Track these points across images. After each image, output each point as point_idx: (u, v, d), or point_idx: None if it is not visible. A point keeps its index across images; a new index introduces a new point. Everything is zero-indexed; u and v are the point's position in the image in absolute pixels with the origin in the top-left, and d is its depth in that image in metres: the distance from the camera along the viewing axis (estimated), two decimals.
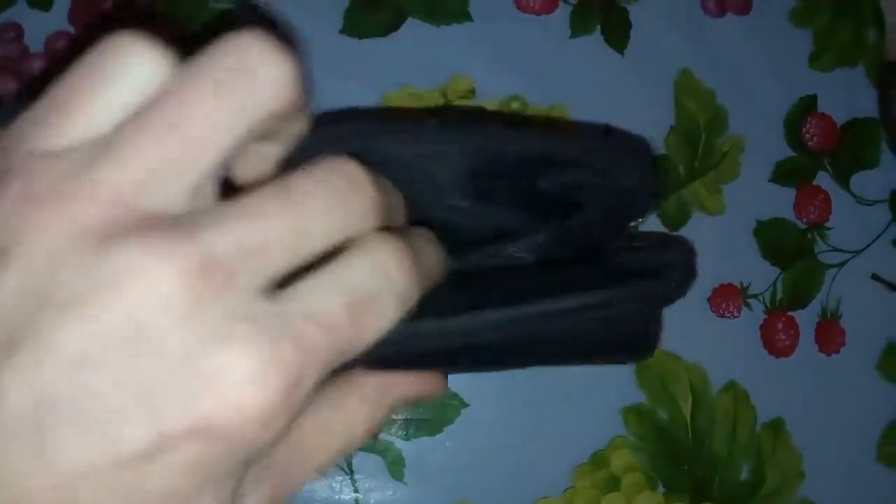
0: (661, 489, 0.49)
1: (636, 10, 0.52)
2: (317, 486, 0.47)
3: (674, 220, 0.51)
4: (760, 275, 0.51)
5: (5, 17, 0.47)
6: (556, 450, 0.48)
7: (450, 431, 0.48)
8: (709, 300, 0.51)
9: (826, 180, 0.52)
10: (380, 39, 0.50)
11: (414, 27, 0.50)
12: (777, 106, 0.52)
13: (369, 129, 0.26)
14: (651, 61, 0.52)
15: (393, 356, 0.27)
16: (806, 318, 0.51)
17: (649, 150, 0.50)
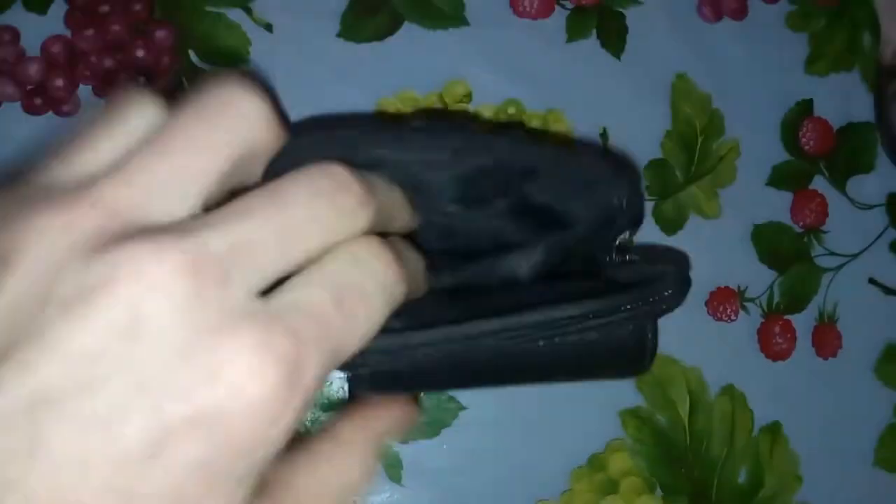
0: (659, 492, 0.49)
1: (632, 15, 0.52)
2: None
3: (671, 224, 0.51)
4: (757, 278, 0.51)
5: (1, 20, 0.47)
6: (554, 453, 0.48)
7: (447, 434, 0.48)
8: (706, 303, 0.51)
9: (822, 184, 0.52)
10: (376, 43, 0.50)
11: (410, 31, 0.50)
12: (773, 110, 0.53)
13: (360, 134, 0.26)
14: (647, 66, 0.52)
15: (393, 372, 0.27)
16: (803, 322, 0.51)
17: (634, 169, 0.50)
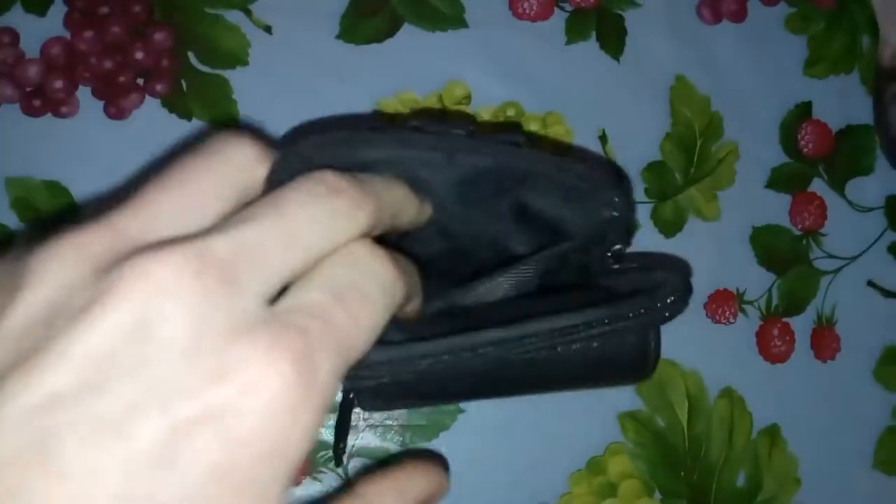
0: (658, 495, 0.49)
1: (631, 17, 0.52)
2: (313, 492, 0.47)
3: (670, 226, 0.51)
4: (756, 281, 0.51)
5: (1, 22, 0.47)
6: (553, 456, 0.48)
7: (446, 437, 0.48)
8: (705, 306, 0.51)
9: (821, 187, 0.53)
10: (376, 45, 0.50)
11: (410, 33, 0.50)
12: (772, 112, 0.53)
13: (355, 137, 0.26)
14: (646, 68, 0.52)
15: (397, 384, 0.27)
16: (801, 325, 0.51)
17: (628, 181, 0.50)
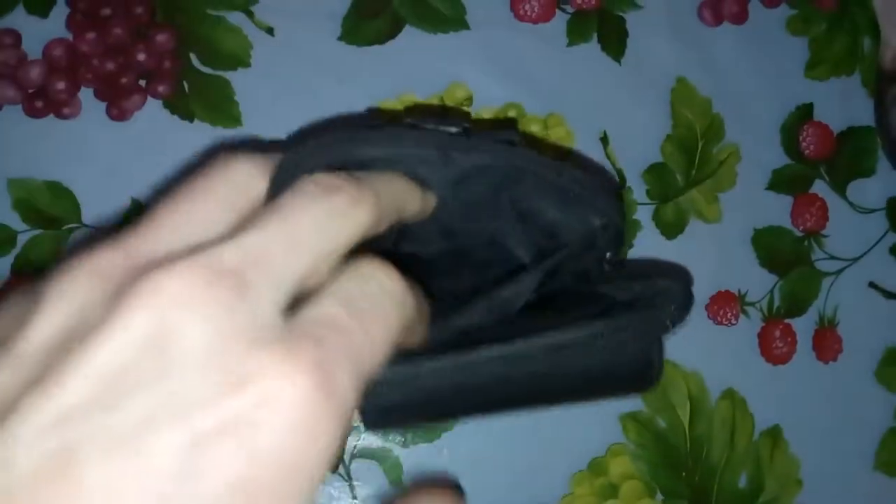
0: (660, 496, 0.49)
1: (633, 19, 0.52)
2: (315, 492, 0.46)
3: (671, 228, 0.51)
4: (758, 282, 0.51)
5: (3, 23, 0.47)
6: (555, 456, 0.48)
7: (448, 438, 0.48)
8: (706, 308, 0.51)
9: (823, 188, 0.53)
10: (378, 47, 0.50)
11: (411, 35, 0.50)
12: (774, 114, 0.53)
13: (350, 137, 0.26)
14: (647, 70, 0.52)
15: (404, 402, 0.27)
16: (803, 326, 0.51)
17: (619, 190, 0.50)
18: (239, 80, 0.49)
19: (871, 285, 0.52)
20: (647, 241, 0.50)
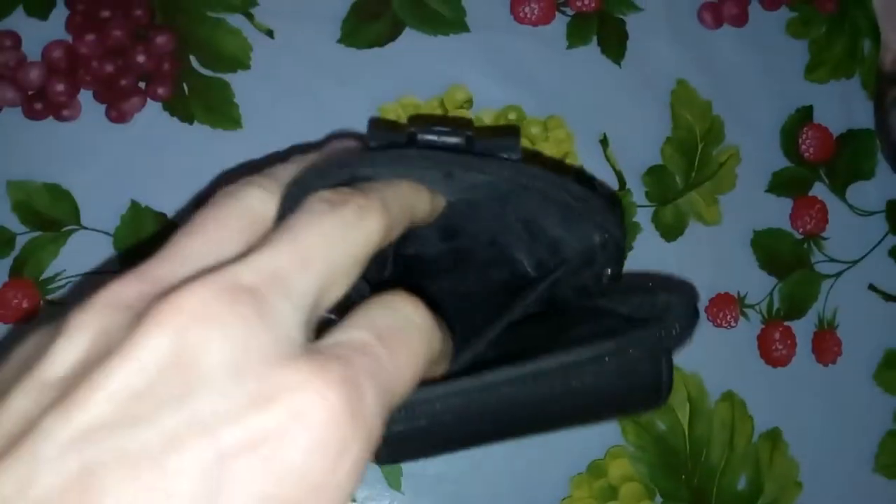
0: (659, 499, 0.49)
1: (633, 22, 0.52)
2: None
3: (671, 230, 0.51)
4: (757, 285, 0.51)
5: (3, 25, 0.47)
6: (554, 459, 0.48)
7: None
8: (706, 310, 0.51)
9: (822, 191, 0.53)
10: (377, 49, 0.50)
11: (411, 37, 0.50)
12: (773, 117, 0.53)
13: (354, 160, 0.26)
14: (647, 72, 0.52)
15: (413, 430, 0.27)
16: (803, 328, 0.51)
17: (621, 207, 0.50)
18: (239, 82, 0.49)
19: (871, 288, 0.52)
20: (646, 244, 0.50)
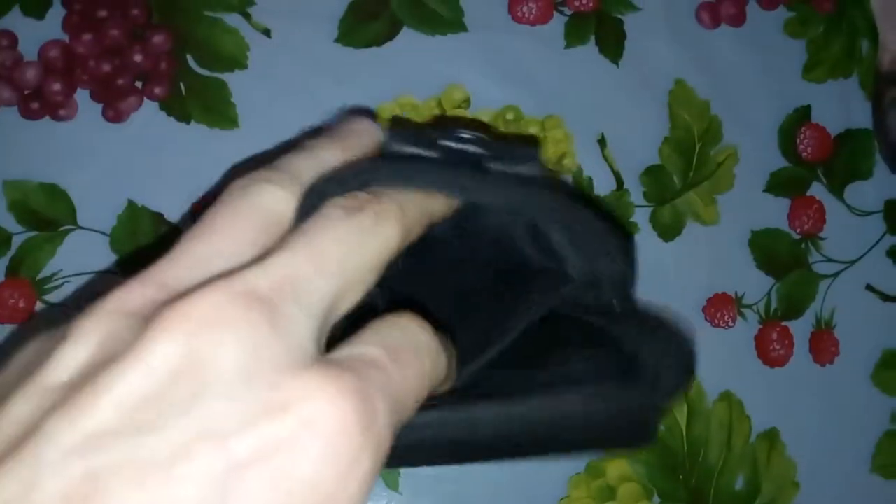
0: (657, 499, 0.49)
1: (630, 21, 0.52)
2: None
3: (668, 230, 0.51)
4: (755, 285, 0.51)
5: (0, 25, 0.47)
6: (552, 459, 0.48)
7: None
8: (703, 310, 0.51)
9: (820, 191, 0.53)
10: (375, 49, 0.50)
11: (409, 37, 0.50)
12: (771, 116, 0.53)
13: (367, 170, 0.26)
14: (645, 72, 0.52)
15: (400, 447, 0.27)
16: (800, 329, 0.51)
17: (632, 239, 0.50)
18: (236, 81, 0.49)
19: (869, 288, 0.52)
20: (644, 244, 0.50)
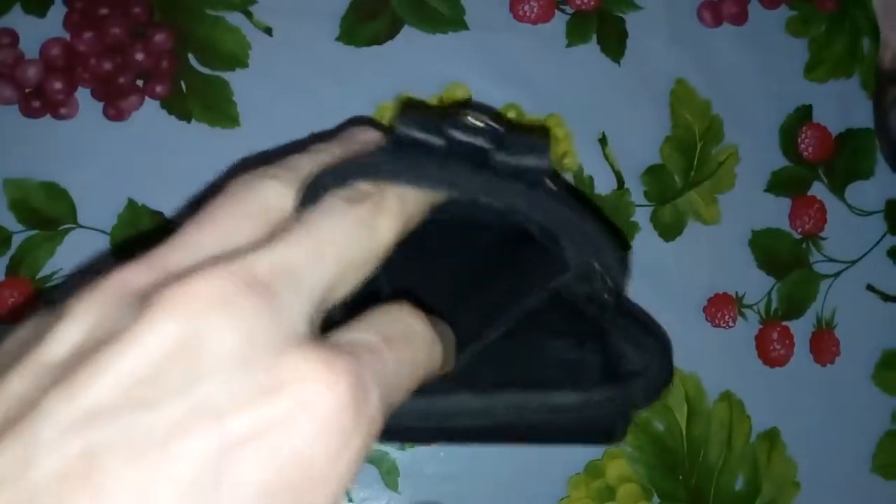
0: (657, 499, 0.49)
1: (632, 20, 0.52)
2: None
3: (669, 230, 0.51)
4: (755, 284, 0.51)
5: (1, 22, 0.47)
6: (551, 459, 0.48)
7: None
8: (704, 310, 0.51)
9: (821, 190, 0.52)
10: (376, 47, 0.50)
11: (410, 35, 0.50)
12: (772, 116, 0.53)
13: (372, 165, 0.26)
14: (647, 71, 0.52)
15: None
16: (801, 328, 0.51)
17: (629, 249, 0.50)
18: (237, 80, 0.49)
19: (869, 288, 0.52)
20: (644, 243, 0.50)
